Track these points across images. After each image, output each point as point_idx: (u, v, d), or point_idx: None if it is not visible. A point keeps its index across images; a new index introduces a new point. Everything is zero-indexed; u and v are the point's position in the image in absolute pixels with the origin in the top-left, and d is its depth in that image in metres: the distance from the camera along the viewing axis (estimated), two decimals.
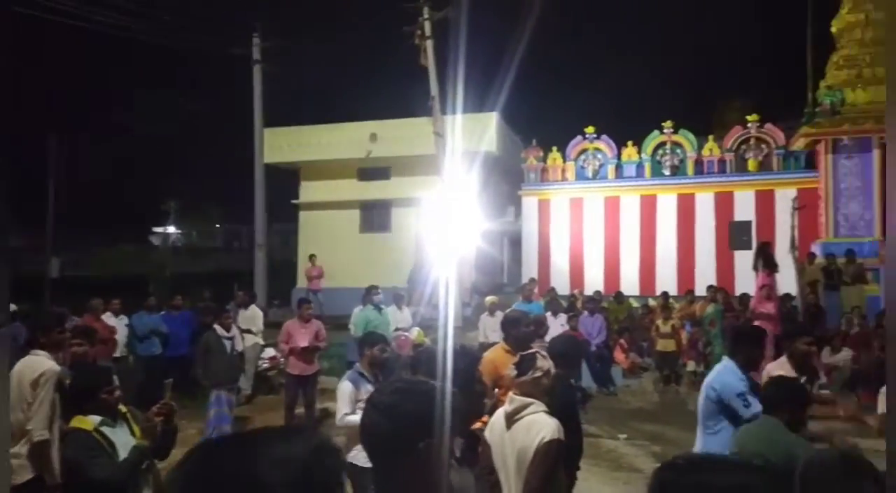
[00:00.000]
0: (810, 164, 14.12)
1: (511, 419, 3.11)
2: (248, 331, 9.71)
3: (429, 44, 14.80)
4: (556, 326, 10.29)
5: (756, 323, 9.86)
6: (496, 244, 19.18)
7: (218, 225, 34.68)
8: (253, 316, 10.05)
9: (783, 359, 4.88)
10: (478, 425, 3.37)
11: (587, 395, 9.75)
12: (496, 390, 3.95)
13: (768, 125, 14.78)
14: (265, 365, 10.23)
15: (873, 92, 13.17)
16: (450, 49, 13.76)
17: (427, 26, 14.94)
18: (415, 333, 10.00)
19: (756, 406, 3.60)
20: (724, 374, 3.90)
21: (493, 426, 3.23)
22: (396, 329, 9.65)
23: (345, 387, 4.52)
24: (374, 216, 18.25)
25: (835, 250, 12.69)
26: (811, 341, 5.14)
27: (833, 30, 14.22)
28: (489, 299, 10.98)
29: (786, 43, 15.53)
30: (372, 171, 18.09)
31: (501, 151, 16.84)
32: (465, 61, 13.48)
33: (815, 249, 13.08)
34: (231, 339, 7.74)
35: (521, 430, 3.07)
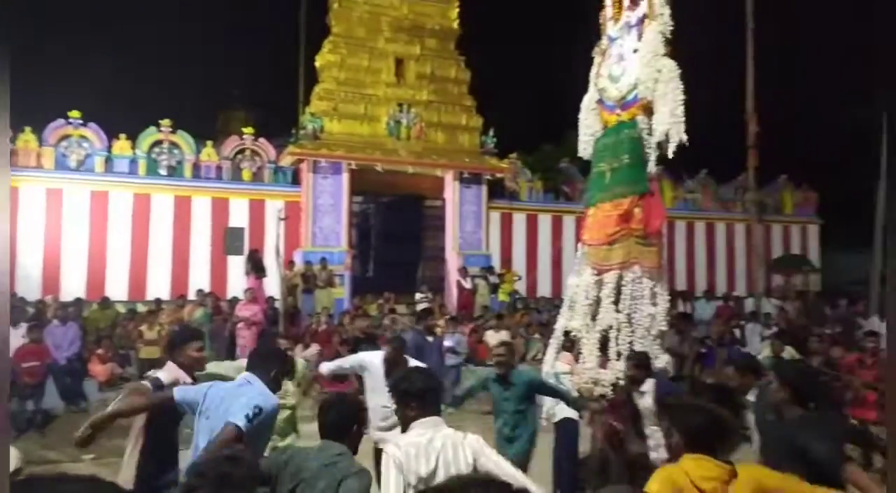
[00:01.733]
0: (296, 179, 15.72)
1: None
2: None
3: None
4: (17, 337, 8.77)
5: (239, 325, 10.50)
6: None
7: None
8: None
9: None
10: None
11: (50, 416, 8.52)
12: None
13: (262, 140, 15.74)
14: None
15: (347, 124, 15.56)
16: None
17: None
18: None
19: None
20: (258, 394, 3.20)
21: None
22: None
23: None
24: None
25: (312, 257, 14.46)
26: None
27: (317, 64, 16.17)
28: None
29: (288, 65, 16.84)
30: None
31: None
32: None
33: (296, 256, 14.62)
34: None
35: None
